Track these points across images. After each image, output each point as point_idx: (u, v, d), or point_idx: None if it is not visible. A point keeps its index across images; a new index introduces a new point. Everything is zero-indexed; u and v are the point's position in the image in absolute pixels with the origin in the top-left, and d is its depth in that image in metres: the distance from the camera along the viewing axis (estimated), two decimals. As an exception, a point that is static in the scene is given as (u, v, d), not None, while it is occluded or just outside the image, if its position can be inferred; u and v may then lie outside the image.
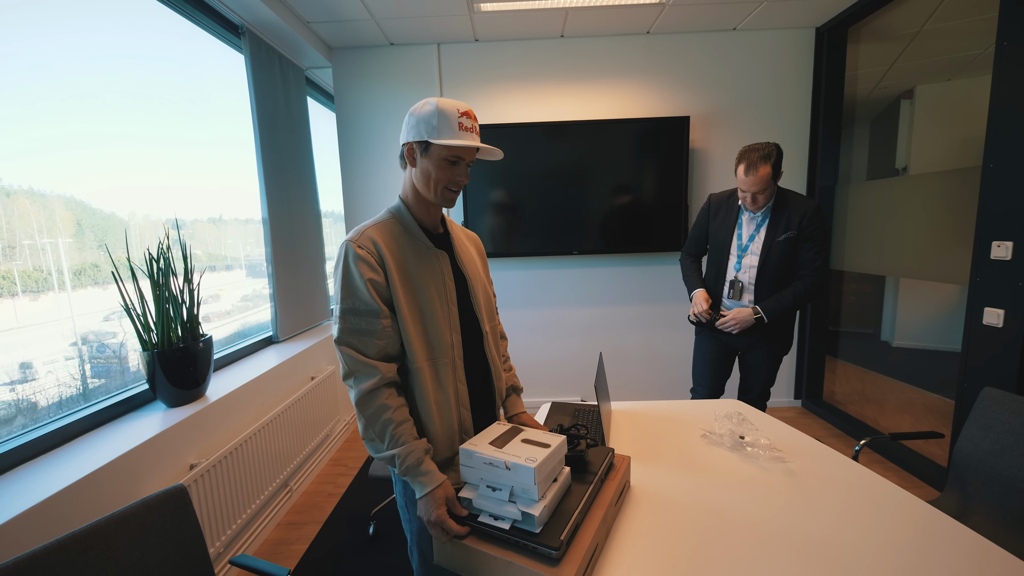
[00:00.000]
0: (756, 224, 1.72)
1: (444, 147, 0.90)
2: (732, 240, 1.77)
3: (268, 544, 1.84)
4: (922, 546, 0.84)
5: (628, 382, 3.01)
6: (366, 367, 0.88)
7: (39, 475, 1.15)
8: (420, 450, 0.87)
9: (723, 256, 1.79)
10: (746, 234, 1.74)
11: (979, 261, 1.72)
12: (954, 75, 2.20)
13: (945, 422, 2.07)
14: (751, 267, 1.72)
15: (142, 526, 0.88)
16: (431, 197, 0.95)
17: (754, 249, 1.71)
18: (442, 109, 0.89)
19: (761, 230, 1.70)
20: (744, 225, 1.75)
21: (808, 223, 1.64)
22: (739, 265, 1.75)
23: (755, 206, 1.66)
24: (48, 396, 1.40)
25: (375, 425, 0.87)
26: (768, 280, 1.71)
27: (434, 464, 0.88)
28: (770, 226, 1.68)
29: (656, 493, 1.02)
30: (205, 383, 1.66)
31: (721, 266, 1.80)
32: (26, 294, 1.40)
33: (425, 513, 0.83)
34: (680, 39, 2.71)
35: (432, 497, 0.83)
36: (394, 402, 0.89)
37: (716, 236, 1.82)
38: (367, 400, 0.88)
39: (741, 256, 1.75)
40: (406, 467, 0.85)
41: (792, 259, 1.69)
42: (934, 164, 2.27)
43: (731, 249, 1.77)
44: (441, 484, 0.85)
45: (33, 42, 1.37)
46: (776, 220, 1.67)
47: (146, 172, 1.79)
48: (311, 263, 2.70)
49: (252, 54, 2.18)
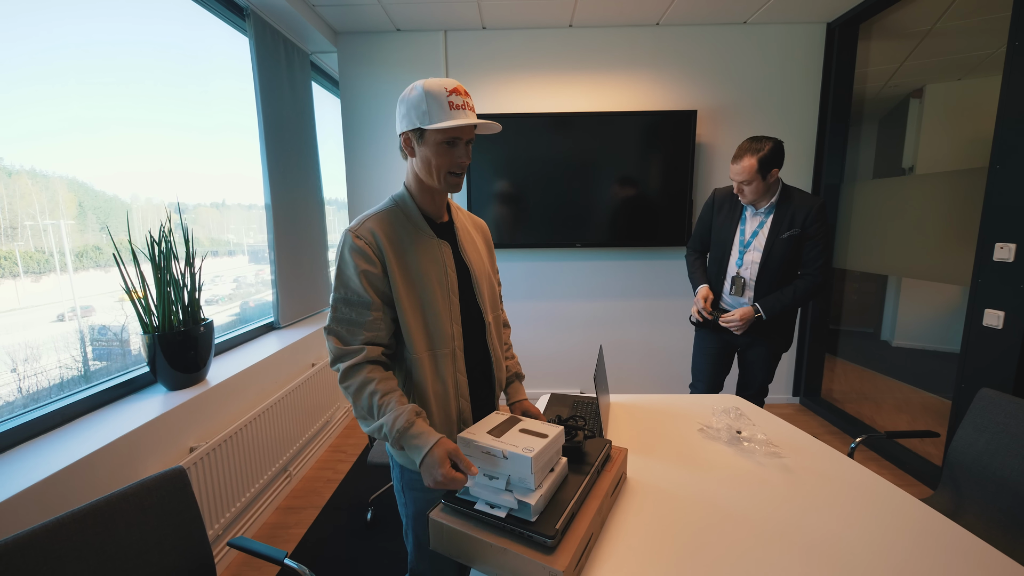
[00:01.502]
0: (760, 221, 1.70)
1: (439, 131, 0.87)
2: (735, 236, 1.75)
3: (267, 528, 1.86)
4: (915, 543, 0.84)
5: (627, 375, 3.02)
6: (351, 352, 0.88)
7: (40, 454, 1.17)
8: (409, 412, 0.84)
9: (725, 251, 1.78)
10: (749, 230, 1.73)
11: (981, 262, 1.71)
12: (964, 75, 2.17)
13: (941, 422, 2.08)
14: (753, 263, 1.71)
15: (140, 507, 0.89)
16: (435, 184, 0.93)
17: (757, 245, 1.70)
18: (429, 90, 0.85)
19: (764, 227, 1.69)
20: (747, 221, 1.74)
21: (812, 221, 1.62)
22: (741, 261, 1.74)
23: (744, 197, 1.66)
24: (49, 377, 1.41)
25: (360, 398, 0.86)
26: (770, 277, 1.70)
27: (427, 424, 0.85)
28: (774, 223, 1.67)
29: (652, 485, 1.03)
30: (206, 367, 1.66)
31: (723, 261, 1.79)
32: (28, 275, 1.40)
33: (430, 477, 0.80)
34: (689, 31, 2.67)
35: (432, 456, 0.80)
36: (378, 374, 0.87)
37: (719, 232, 1.81)
38: (350, 374, 0.87)
39: (743, 252, 1.73)
40: (396, 432, 0.82)
41: (795, 257, 1.68)
42: (941, 164, 2.25)
43: (733, 245, 1.76)
44: (438, 441, 0.82)
45: (37, 25, 1.36)
46: (780, 217, 1.66)
47: (149, 155, 1.78)
48: (313, 250, 2.69)
49: (257, 37, 2.16)
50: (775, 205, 1.67)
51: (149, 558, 0.88)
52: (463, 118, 0.87)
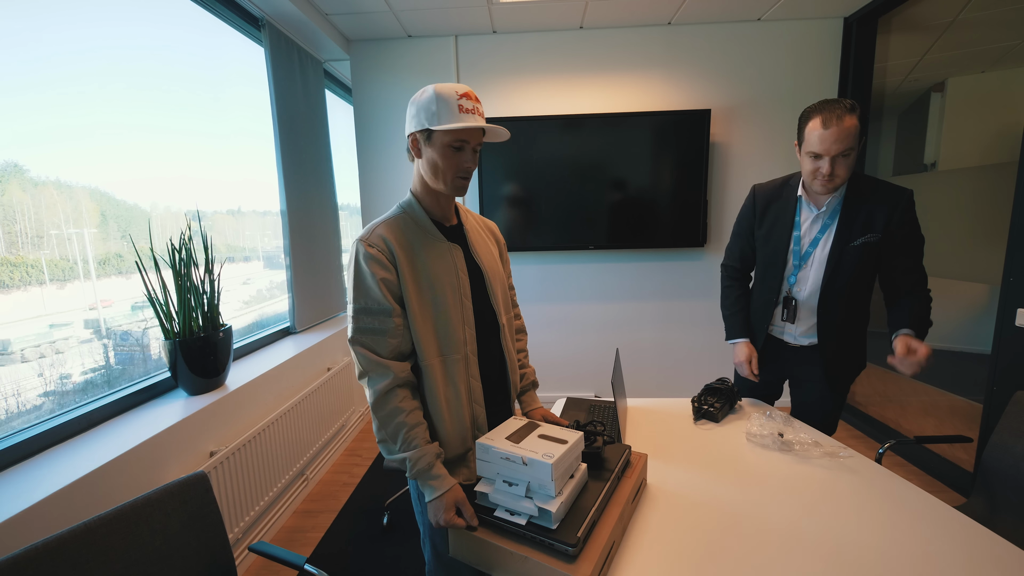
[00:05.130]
0: (822, 224, 1.29)
1: (447, 133, 0.87)
2: (788, 245, 1.34)
3: (285, 531, 1.88)
4: (948, 552, 0.81)
5: (643, 379, 2.98)
6: (379, 367, 0.88)
7: (66, 459, 1.19)
8: (431, 454, 0.87)
9: (776, 267, 1.37)
10: (807, 238, 1.31)
11: (1013, 260, 1.65)
12: (988, 67, 2.11)
13: (971, 425, 2.01)
14: (815, 281, 1.31)
15: (164, 511, 0.90)
16: (441, 187, 0.93)
17: (819, 258, 1.30)
18: (440, 93, 0.86)
19: (829, 231, 1.28)
20: (804, 225, 1.32)
21: (902, 222, 1.22)
22: (794, 278, 1.34)
23: (832, 183, 1.20)
24: (74, 383, 1.45)
25: (388, 427, 0.88)
26: (834, 299, 1.30)
27: (445, 469, 0.88)
28: (841, 225, 1.26)
29: (672, 491, 1.01)
30: (225, 372, 1.69)
31: (773, 281, 1.38)
32: (53, 282, 1.44)
33: (434, 517, 0.84)
34: (702, 30, 2.64)
35: (441, 501, 0.84)
36: (408, 405, 0.89)
37: (767, 241, 1.39)
38: (382, 402, 0.88)
39: (799, 267, 1.33)
40: (417, 471, 0.86)
41: (866, 269, 1.27)
42: (966, 159, 2.18)
43: (787, 257, 1.35)
44: (451, 488, 0.85)
45: (58, 30, 1.40)
46: (849, 217, 1.25)
47: (167, 164, 1.82)
48: (328, 255, 2.72)
49: (272, 46, 2.20)
50: (842, 202, 1.27)
51: (172, 563, 0.89)
52: (471, 121, 0.87)
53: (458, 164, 0.90)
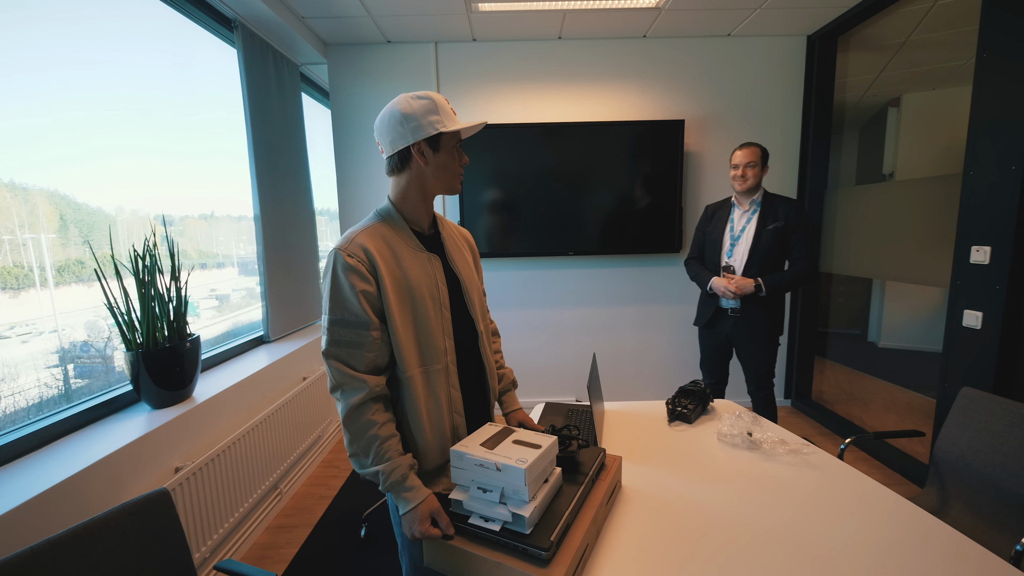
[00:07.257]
0: (747, 217, 1.97)
1: (454, 134, 0.92)
2: (725, 232, 2.02)
3: (256, 548, 1.81)
4: (902, 542, 0.85)
5: (622, 382, 3.02)
6: (354, 380, 0.86)
7: (16, 479, 1.12)
8: (405, 466, 0.85)
9: (717, 247, 2.03)
10: (738, 226, 1.99)
11: (959, 265, 1.76)
12: (938, 84, 2.25)
13: (927, 421, 2.12)
14: (742, 253, 1.96)
15: (122, 531, 0.86)
16: (448, 190, 0.97)
17: (745, 237, 1.96)
18: (435, 99, 0.90)
19: (752, 221, 1.95)
20: (736, 219, 2.01)
21: (794, 216, 1.90)
22: (731, 252, 2.00)
23: (744, 183, 1.90)
24: (28, 397, 1.37)
25: (360, 440, 0.86)
26: (757, 265, 1.92)
27: (419, 480, 0.87)
28: (759, 218, 1.94)
29: (646, 493, 1.03)
30: (192, 384, 1.63)
31: (716, 256, 2.03)
32: (6, 291, 1.36)
33: (408, 529, 0.83)
34: (676, 43, 2.73)
35: (416, 513, 0.82)
36: (380, 417, 0.87)
37: (712, 233, 2.07)
38: (354, 415, 0.85)
39: (734, 244, 1.99)
40: (390, 483, 0.84)
41: (780, 249, 1.92)
42: (918, 170, 2.32)
43: (724, 239, 2.01)
44: (425, 499, 0.84)
45: (21, 33, 1.34)
46: (765, 213, 1.94)
47: (135, 167, 1.75)
48: (304, 262, 2.67)
49: (245, 48, 2.15)
50: (760, 203, 1.95)
51: (132, 584, 0.85)
52: (475, 120, 0.95)
53: (459, 163, 0.96)
